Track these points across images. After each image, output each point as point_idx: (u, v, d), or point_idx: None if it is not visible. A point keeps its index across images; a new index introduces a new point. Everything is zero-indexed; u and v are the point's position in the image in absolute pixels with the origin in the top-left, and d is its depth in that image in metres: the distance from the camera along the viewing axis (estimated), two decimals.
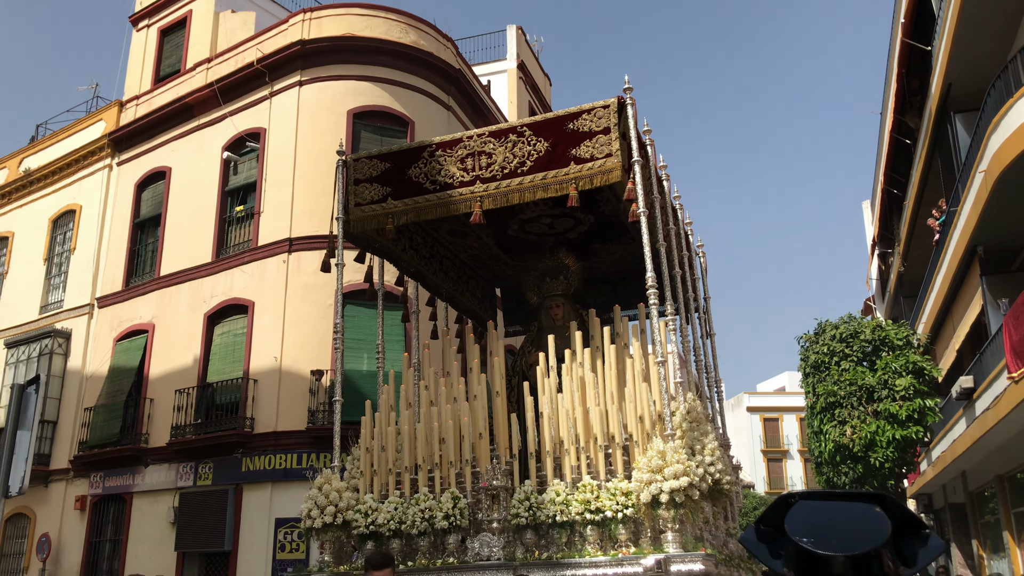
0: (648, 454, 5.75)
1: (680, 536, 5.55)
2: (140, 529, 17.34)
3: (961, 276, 16.20)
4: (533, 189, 6.69)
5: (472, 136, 7.05)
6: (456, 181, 6.92)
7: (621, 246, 8.86)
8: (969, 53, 14.63)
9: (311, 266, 16.67)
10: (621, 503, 5.77)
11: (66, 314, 20.71)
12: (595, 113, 6.63)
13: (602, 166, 6.49)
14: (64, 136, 22.85)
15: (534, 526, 5.95)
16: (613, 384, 6.57)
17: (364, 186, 7.27)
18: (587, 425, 6.31)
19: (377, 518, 6.34)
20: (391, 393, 7.42)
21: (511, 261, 9.18)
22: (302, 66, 18.04)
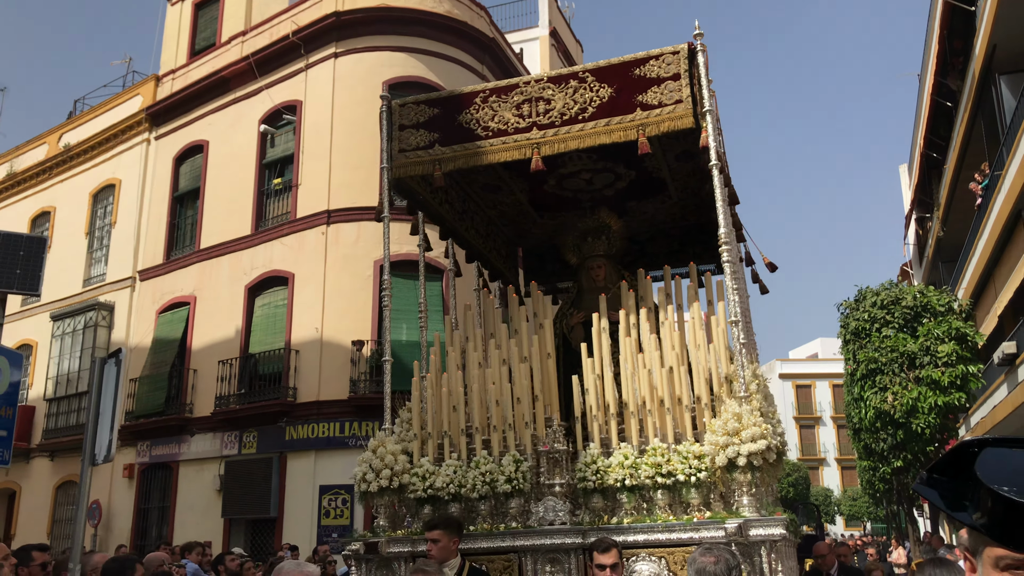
0: (723, 416, 5.58)
1: (756, 500, 5.43)
2: (187, 496, 17.78)
3: (1004, 241, 16.01)
4: (595, 135, 6.41)
5: (529, 82, 6.76)
6: (511, 127, 6.63)
7: (656, 204, 8.63)
8: (1015, 13, 14.34)
9: (350, 237, 16.87)
10: (694, 467, 5.64)
11: (109, 287, 21.11)
12: (663, 59, 6.37)
13: (672, 112, 6.22)
14: (102, 111, 23.12)
15: (601, 490, 5.82)
16: (677, 345, 6.35)
17: (410, 132, 6.95)
18: (651, 387, 6.11)
19: (435, 482, 6.19)
20: (439, 354, 7.25)
21: (540, 219, 8.93)
22: (337, 38, 18.08)
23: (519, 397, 6.41)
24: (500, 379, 6.54)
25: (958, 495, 1.36)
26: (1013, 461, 1.32)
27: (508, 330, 7.26)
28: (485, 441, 6.39)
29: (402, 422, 6.87)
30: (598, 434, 6.13)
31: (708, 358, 6.16)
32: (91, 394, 5.20)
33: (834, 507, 50.18)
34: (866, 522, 46.92)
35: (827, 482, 54.75)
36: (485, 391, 6.57)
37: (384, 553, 5.95)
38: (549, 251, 9.31)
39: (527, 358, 6.72)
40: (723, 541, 5.12)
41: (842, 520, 51.36)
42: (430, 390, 6.77)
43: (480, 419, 6.48)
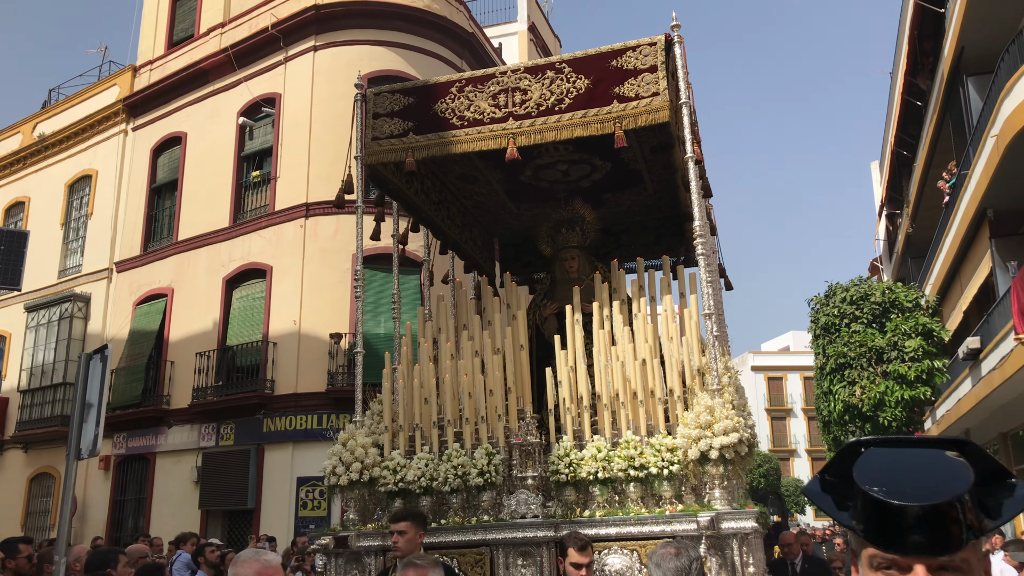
0: (696, 409, 5.56)
1: (727, 493, 5.41)
2: (164, 488, 17.81)
3: (970, 238, 16.41)
4: (571, 127, 6.34)
5: (506, 72, 6.68)
6: (487, 117, 6.56)
7: (632, 196, 8.61)
8: (983, 16, 14.68)
9: (328, 231, 16.94)
10: (667, 459, 5.59)
11: (85, 278, 21.02)
12: (640, 51, 6.31)
13: (648, 105, 6.15)
14: (78, 101, 22.97)
15: (574, 483, 5.75)
16: (650, 338, 6.32)
17: (384, 120, 6.85)
18: (624, 379, 6.06)
19: (406, 475, 6.08)
20: (410, 346, 7.10)
21: (516, 210, 8.86)
22: (316, 31, 18.11)
23: (492, 389, 6.36)
24: (473, 371, 6.47)
25: (845, 497, 1.35)
26: (888, 461, 1.32)
27: (481, 321, 7.21)
28: (457, 434, 6.33)
29: (373, 414, 6.80)
30: (571, 427, 6.09)
31: (681, 351, 6.16)
32: (76, 389, 5.29)
33: (804, 498, 50.89)
34: None
35: (798, 473, 55.48)
36: (457, 383, 6.51)
37: (354, 547, 5.89)
38: (526, 242, 9.28)
39: (500, 349, 6.67)
40: (695, 534, 5.17)
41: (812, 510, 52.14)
42: (401, 382, 6.68)
43: (452, 411, 6.43)
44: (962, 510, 1.22)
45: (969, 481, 1.25)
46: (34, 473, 20.64)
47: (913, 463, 1.31)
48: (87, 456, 5.31)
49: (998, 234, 14.97)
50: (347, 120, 16.99)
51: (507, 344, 6.70)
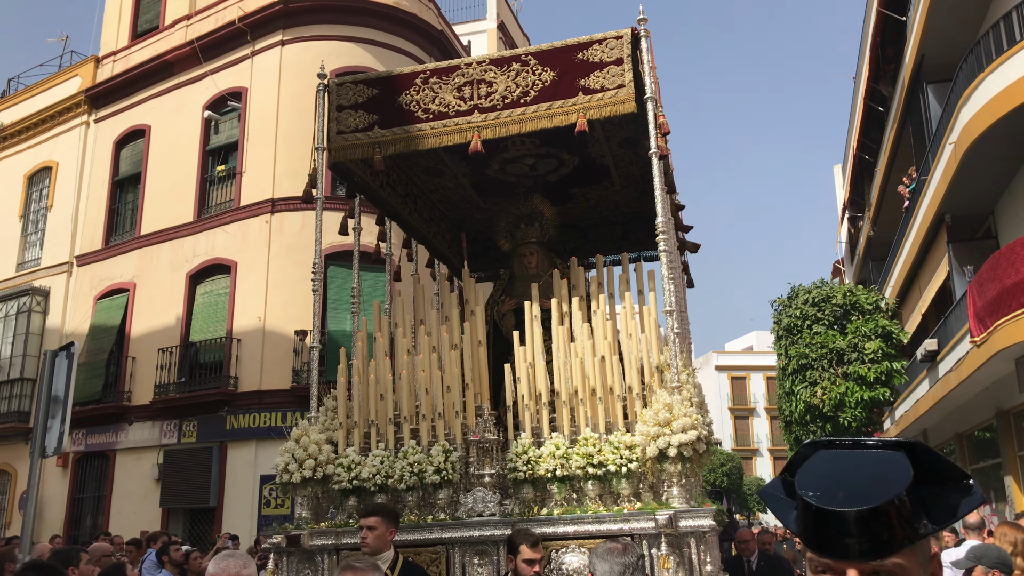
0: (654, 406, 5.52)
1: (685, 491, 5.39)
2: (124, 485, 17.58)
3: (929, 243, 16.75)
4: (536, 119, 6.29)
5: (471, 64, 6.56)
6: (452, 110, 6.46)
7: (599, 191, 8.57)
8: (943, 25, 14.98)
9: (295, 226, 16.82)
10: (625, 457, 5.53)
11: (44, 272, 20.67)
12: (607, 43, 6.27)
13: (613, 97, 6.14)
14: (38, 91, 22.55)
15: (532, 481, 5.66)
16: (608, 334, 6.25)
17: (348, 113, 6.68)
18: (583, 376, 5.97)
19: (361, 472, 5.94)
20: (366, 341, 6.93)
21: (483, 204, 8.77)
22: (284, 25, 17.97)
23: (449, 385, 6.26)
24: (430, 366, 6.38)
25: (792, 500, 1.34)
26: (830, 465, 1.31)
27: (439, 317, 7.11)
28: (413, 430, 6.22)
29: (327, 411, 6.65)
30: (529, 423, 6.01)
31: (640, 348, 6.11)
32: (41, 386, 5.22)
33: None
34: None
35: (760, 472, 56.16)
36: (414, 379, 6.39)
37: (307, 546, 5.76)
38: (493, 237, 9.12)
39: (457, 345, 6.58)
40: (653, 532, 5.17)
41: None
42: (357, 377, 6.51)
43: (409, 408, 6.32)
44: (896, 514, 1.21)
45: (904, 484, 1.23)
46: None
47: (853, 466, 1.29)
48: (52, 454, 5.25)
49: (956, 239, 15.29)
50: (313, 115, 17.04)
51: (465, 340, 6.61)
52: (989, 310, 11.71)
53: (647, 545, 5.25)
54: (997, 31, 11.74)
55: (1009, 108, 11.27)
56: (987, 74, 11.67)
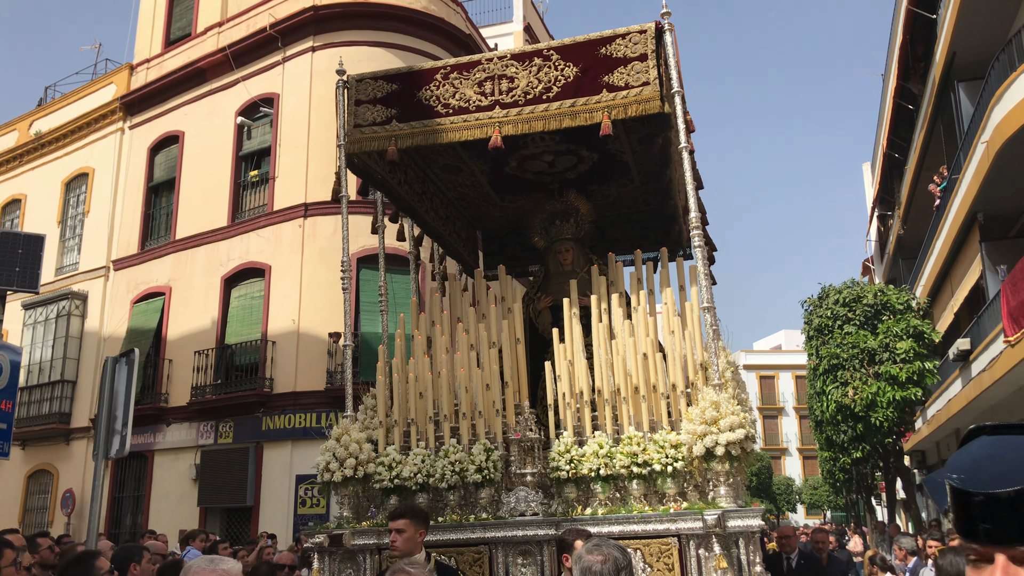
0: (701, 404, 5.45)
1: (732, 490, 5.33)
2: (162, 485, 17.93)
3: (961, 241, 16.66)
4: (559, 117, 6.14)
5: (492, 59, 6.45)
6: (473, 105, 6.35)
7: (618, 188, 8.44)
8: (973, 23, 14.90)
9: (327, 230, 17.06)
10: (671, 456, 5.49)
11: (82, 276, 21.10)
12: (630, 38, 6.12)
13: (638, 95, 5.99)
14: (74, 99, 23.01)
15: (575, 480, 5.63)
16: (651, 332, 6.18)
17: (366, 107, 6.60)
18: (626, 374, 5.93)
19: (402, 471, 5.90)
20: (404, 339, 6.89)
21: (500, 202, 8.67)
22: (314, 31, 18.21)
23: (488, 383, 6.22)
24: (469, 364, 6.33)
25: None
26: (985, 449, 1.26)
27: (475, 314, 7.04)
28: (453, 429, 6.18)
29: (366, 409, 6.63)
30: (571, 422, 5.96)
31: (684, 345, 6.05)
32: (103, 392, 5.44)
33: (795, 496, 51.30)
34: (826, 510, 48.06)
35: (789, 471, 55.89)
36: (453, 377, 6.35)
37: (349, 545, 5.73)
38: (509, 235, 9.19)
39: (496, 343, 6.53)
40: (701, 532, 5.15)
41: (803, 508, 52.53)
42: (396, 376, 6.47)
43: (448, 406, 6.27)
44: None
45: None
46: (32, 470, 20.72)
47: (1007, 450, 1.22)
48: (115, 456, 5.46)
49: (988, 238, 15.21)
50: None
51: (504, 338, 6.55)
52: (1022, 310, 11.67)
53: (694, 545, 5.22)
54: None
55: None
56: (1019, 73, 11.63)
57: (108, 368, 5.57)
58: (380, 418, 6.41)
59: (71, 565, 4.32)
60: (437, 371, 6.44)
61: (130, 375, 5.48)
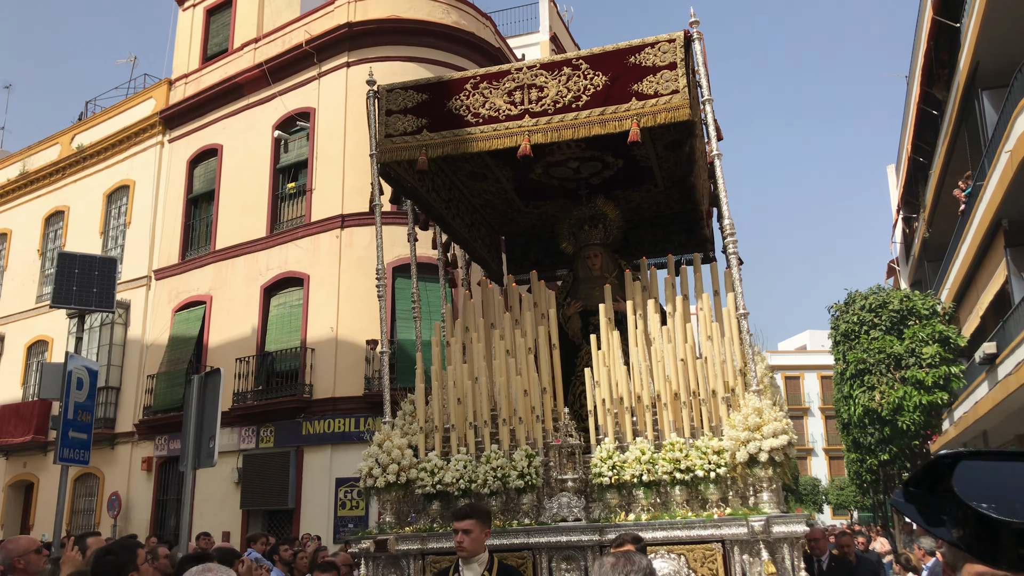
0: (743, 411, 5.51)
1: (775, 496, 5.38)
2: (205, 488, 18.48)
3: (986, 247, 16.90)
4: (589, 125, 6.21)
5: (521, 68, 6.54)
6: (502, 114, 6.43)
7: (642, 193, 8.52)
8: (998, 32, 15.13)
9: (364, 240, 17.58)
10: (713, 462, 5.54)
11: (124, 286, 21.70)
12: (659, 47, 6.20)
13: (668, 103, 6.06)
14: (115, 113, 23.72)
15: (617, 486, 5.69)
16: (689, 337, 6.25)
17: (397, 117, 6.69)
18: (664, 380, 6.01)
19: (444, 477, 5.98)
20: (440, 345, 6.99)
21: (524, 207, 8.79)
22: (349, 47, 18.75)
23: (526, 389, 6.28)
24: (507, 371, 6.38)
25: (935, 510, 1.36)
26: (989, 475, 1.31)
27: (511, 320, 7.10)
28: (492, 434, 6.28)
29: (404, 415, 6.73)
30: (611, 428, 6.02)
31: (723, 350, 6.09)
32: (191, 407, 5.92)
33: (822, 496, 51.29)
34: (853, 511, 48.04)
35: (815, 472, 55.83)
36: (491, 383, 6.44)
37: (393, 551, 5.79)
38: (532, 240, 9.33)
39: (532, 348, 6.61)
40: (746, 538, 5.24)
41: (829, 509, 52.49)
42: (435, 382, 6.59)
43: (486, 412, 6.34)
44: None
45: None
46: (79, 474, 21.36)
47: (1018, 478, 1.29)
48: (205, 466, 5.93)
49: (1013, 243, 15.45)
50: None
51: (540, 344, 6.64)
52: None
53: (739, 551, 5.33)
54: None
55: None
56: None
57: (196, 385, 6.05)
58: (420, 423, 6.51)
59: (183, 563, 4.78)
60: (474, 377, 6.52)
61: (216, 391, 5.95)
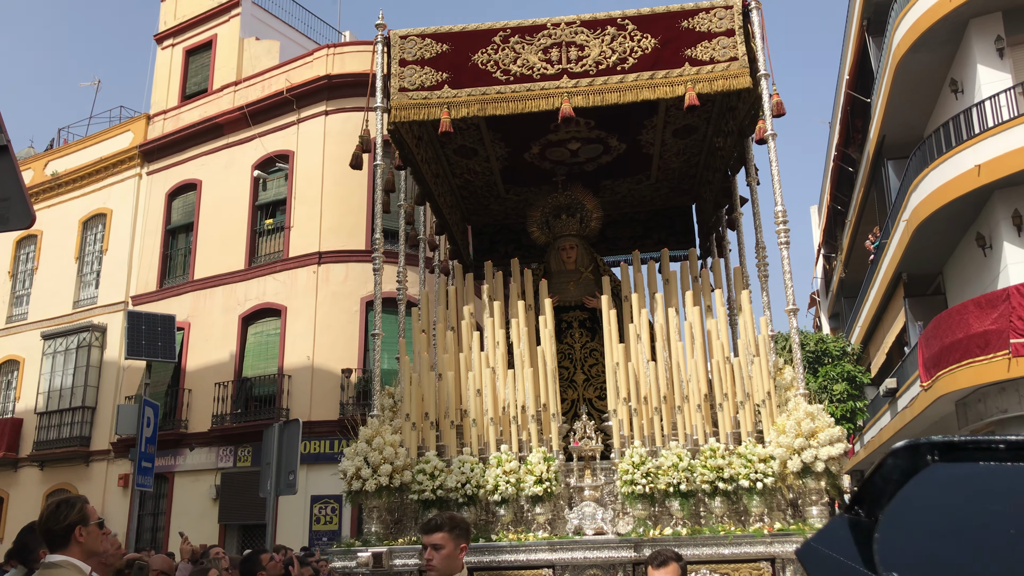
0: (795, 416, 5.07)
1: (825, 510, 4.98)
2: (182, 504, 19.78)
3: (890, 294, 19.37)
4: (637, 88, 5.83)
5: (559, 24, 6.04)
6: (537, 73, 5.95)
7: (631, 184, 8.19)
8: (900, 111, 17.58)
9: (339, 276, 19.17)
10: (761, 471, 5.01)
11: (100, 310, 22.83)
12: (715, 13, 5.93)
13: (726, 70, 5.77)
14: (91, 143, 24.78)
15: (649, 496, 5.08)
16: (723, 335, 5.86)
17: (413, 68, 6.12)
18: (698, 381, 5.58)
19: (447, 481, 5.28)
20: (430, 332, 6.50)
21: (503, 193, 8.32)
22: (327, 97, 20.30)
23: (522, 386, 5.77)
24: (521, 362, 5.90)
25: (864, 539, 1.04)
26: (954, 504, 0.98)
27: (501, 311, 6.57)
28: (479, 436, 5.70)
29: (384, 410, 6.02)
30: (639, 432, 5.47)
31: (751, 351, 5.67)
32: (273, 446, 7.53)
33: None
34: None
35: None
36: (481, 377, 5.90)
37: (387, 567, 5.08)
38: (502, 232, 8.95)
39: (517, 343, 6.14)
40: None
41: None
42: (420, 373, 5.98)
43: (493, 408, 5.76)
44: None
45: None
46: (50, 489, 22.34)
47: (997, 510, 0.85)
48: (285, 494, 7.54)
49: (911, 294, 17.90)
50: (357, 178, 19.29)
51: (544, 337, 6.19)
52: (934, 362, 14.23)
53: (791, 571, 4.87)
54: (938, 135, 14.35)
55: (948, 200, 13.86)
56: (931, 170, 14.25)
57: (277, 430, 7.70)
58: (408, 413, 5.73)
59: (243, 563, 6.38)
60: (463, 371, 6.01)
61: (296, 435, 7.59)
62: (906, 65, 15.67)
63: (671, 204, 8.61)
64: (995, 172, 12.95)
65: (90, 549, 3.56)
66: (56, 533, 3.49)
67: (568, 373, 6.89)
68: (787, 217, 5.68)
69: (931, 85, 16.37)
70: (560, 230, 7.45)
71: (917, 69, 15.77)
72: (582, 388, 6.94)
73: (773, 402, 5.39)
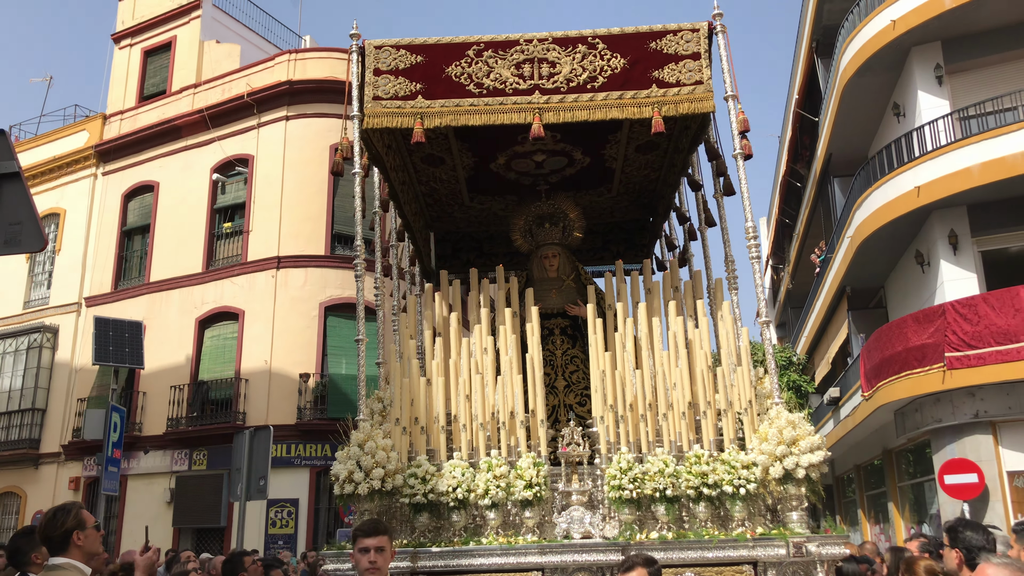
0: (776, 423, 5.24)
1: (805, 515, 5.17)
2: (136, 507, 19.65)
3: (834, 306, 20.11)
4: (606, 107, 5.99)
5: (532, 40, 6.19)
6: (509, 87, 6.08)
7: (592, 196, 8.33)
8: (846, 131, 18.32)
9: (298, 281, 19.26)
10: (744, 477, 5.23)
11: (53, 311, 22.55)
12: (682, 35, 6.07)
13: (691, 93, 5.94)
14: (44, 142, 24.46)
15: (636, 501, 5.25)
16: (706, 344, 6.02)
17: (387, 77, 6.21)
18: (682, 389, 5.71)
19: (438, 485, 5.41)
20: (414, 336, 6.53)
21: (468, 202, 8.44)
22: (288, 102, 20.37)
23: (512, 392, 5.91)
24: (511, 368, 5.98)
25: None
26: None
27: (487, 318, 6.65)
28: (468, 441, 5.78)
29: (372, 414, 6.06)
30: (625, 438, 5.63)
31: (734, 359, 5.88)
32: (244, 453, 7.72)
33: None
34: None
35: None
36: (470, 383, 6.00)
37: None
38: (465, 239, 9.07)
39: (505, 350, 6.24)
40: (783, 559, 5.01)
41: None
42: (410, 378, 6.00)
43: (465, 414, 5.88)
44: None
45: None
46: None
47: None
48: (256, 499, 7.71)
49: (854, 307, 18.63)
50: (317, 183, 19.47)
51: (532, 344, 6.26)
52: (874, 372, 14.89)
53: (773, 574, 5.07)
54: (881, 156, 15.04)
55: (890, 218, 14.54)
56: (874, 189, 14.93)
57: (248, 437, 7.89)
58: (404, 423, 5.82)
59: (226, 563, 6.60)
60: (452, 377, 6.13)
61: (266, 442, 7.79)
62: (852, 88, 16.37)
63: (630, 217, 8.84)
64: (933, 193, 13.66)
65: (89, 551, 3.85)
66: (55, 539, 3.76)
67: (549, 379, 7.05)
68: (757, 233, 5.88)
69: (875, 108, 17.11)
70: (543, 238, 7.62)
71: (862, 92, 16.50)
72: (563, 394, 7.11)
73: (754, 410, 5.61)
